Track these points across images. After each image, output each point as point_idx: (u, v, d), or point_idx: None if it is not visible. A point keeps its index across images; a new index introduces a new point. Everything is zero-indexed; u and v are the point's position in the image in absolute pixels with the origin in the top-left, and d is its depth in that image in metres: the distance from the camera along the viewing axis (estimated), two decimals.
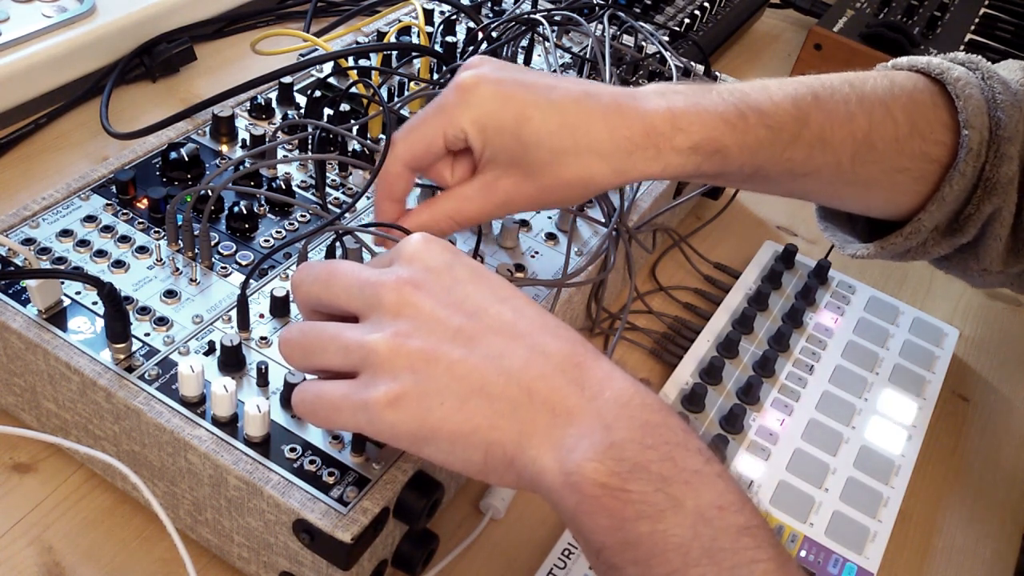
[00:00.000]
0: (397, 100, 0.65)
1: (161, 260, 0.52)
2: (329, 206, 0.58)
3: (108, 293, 0.44)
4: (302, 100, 0.65)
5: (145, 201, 0.55)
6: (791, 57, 1.05)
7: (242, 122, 0.63)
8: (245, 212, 0.54)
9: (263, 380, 0.46)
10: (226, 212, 0.55)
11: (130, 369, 0.46)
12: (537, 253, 0.59)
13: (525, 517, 0.54)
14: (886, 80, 0.54)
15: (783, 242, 0.75)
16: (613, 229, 0.59)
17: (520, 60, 0.74)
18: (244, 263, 0.53)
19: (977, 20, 1.08)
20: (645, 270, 0.73)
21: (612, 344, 0.64)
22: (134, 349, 0.47)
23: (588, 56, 0.75)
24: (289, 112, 0.65)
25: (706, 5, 1.01)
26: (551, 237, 0.60)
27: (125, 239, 0.52)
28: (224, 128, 0.61)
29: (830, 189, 0.56)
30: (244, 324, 0.49)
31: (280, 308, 0.50)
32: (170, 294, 0.50)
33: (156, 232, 0.53)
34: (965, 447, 0.65)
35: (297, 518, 0.42)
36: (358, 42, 0.75)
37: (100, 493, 0.51)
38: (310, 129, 0.61)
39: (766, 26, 1.14)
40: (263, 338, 0.49)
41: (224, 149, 0.61)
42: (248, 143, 0.60)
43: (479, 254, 0.57)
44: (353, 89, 0.64)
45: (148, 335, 0.48)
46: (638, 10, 0.98)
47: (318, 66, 0.68)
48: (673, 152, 0.49)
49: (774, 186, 0.55)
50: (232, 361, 0.47)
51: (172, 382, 0.46)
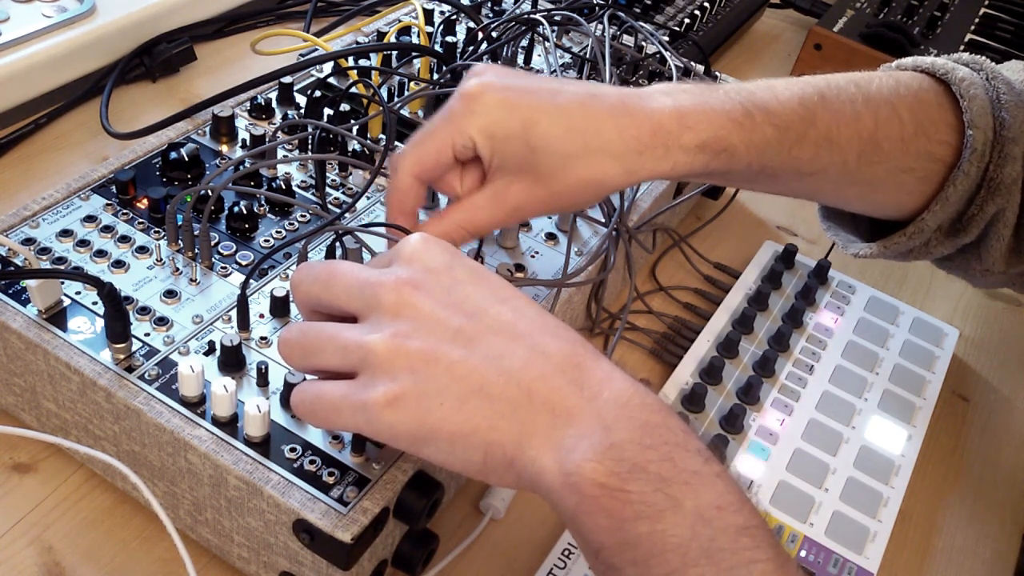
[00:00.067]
0: (397, 100, 0.65)
1: (161, 260, 0.52)
2: (329, 206, 0.58)
3: (108, 293, 0.44)
4: (302, 100, 0.65)
5: (145, 201, 0.55)
6: (791, 57, 1.05)
7: (242, 122, 0.63)
8: (245, 212, 0.54)
9: (263, 380, 0.46)
10: (226, 212, 0.55)
11: (130, 369, 0.46)
12: (537, 253, 0.59)
13: (525, 517, 0.54)
14: (891, 80, 0.54)
15: (783, 242, 0.75)
16: (613, 229, 0.59)
17: (520, 60, 0.74)
18: (244, 263, 0.53)
19: (977, 20, 1.07)
20: (645, 270, 0.73)
21: (612, 344, 0.64)
22: (134, 349, 0.47)
23: (588, 56, 0.75)
24: (289, 112, 0.65)
25: (706, 5, 1.01)
26: (551, 237, 0.60)
27: (125, 239, 0.52)
28: (224, 128, 0.61)
29: (835, 189, 0.56)
30: (244, 324, 0.49)
31: (280, 308, 0.50)
32: (170, 294, 0.50)
33: (156, 232, 0.53)
34: (965, 447, 0.65)
35: (297, 518, 0.42)
36: (358, 42, 0.75)
37: (100, 493, 0.51)
38: (310, 129, 0.61)
39: (766, 26, 1.14)
40: (263, 338, 0.49)
41: (224, 149, 0.61)
42: (248, 143, 0.60)
43: (479, 254, 0.57)
44: (353, 89, 0.64)
45: (148, 335, 0.48)
46: (638, 10, 0.97)
47: (318, 66, 0.68)
48: (681, 150, 0.48)
49: (780, 185, 0.55)
50: (232, 361, 0.47)
51: (172, 382, 0.46)
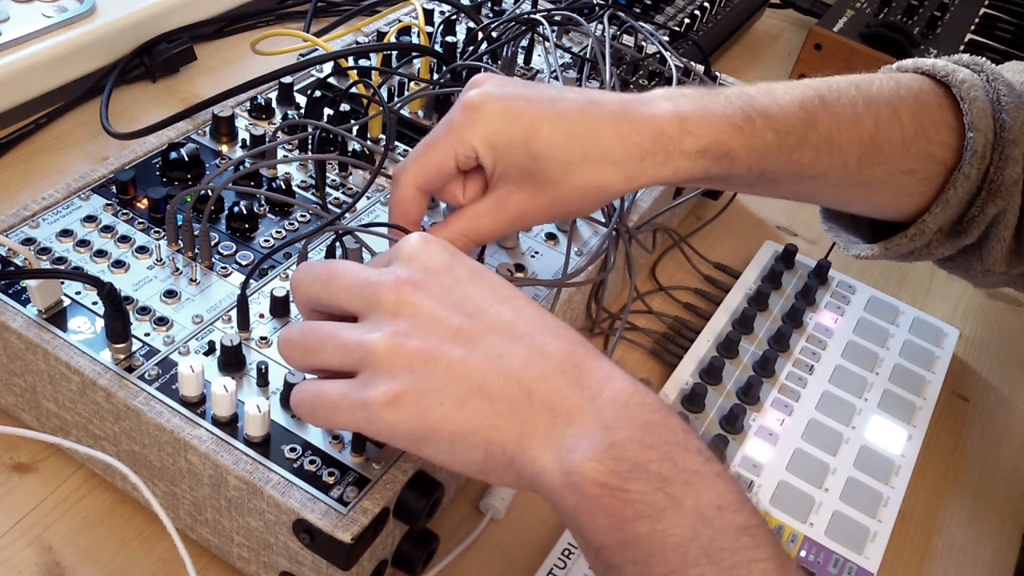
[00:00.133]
0: (397, 100, 0.65)
1: (161, 260, 0.52)
2: (329, 206, 0.58)
3: (108, 293, 0.44)
4: (302, 100, 0.65)
5: (145, 201, 0.55)
6: (791, 57, 1.05)
7: (242, 122, 0.63)
8: (245, 212, 0.54)
9: (263, 380, 0.46)
10: (226, 212, 0.55)
11: (130, 369, 0.46)
12: (537, 253, 0.59)
13: (525, 517, 0.54)
14: (892, 82, 0.54)
15: (783, 242, 0.75)
16: (613, 229, 0.59)
17: (520, 60, 0.74)
18: (244, 263, 0.53)
19: (977, 20, 1.07)
20: (645, 270, 0.73)
21: (612, 344, 0.64)
22: (134, 349, 0.47)
23: (588, 56, 0.75)
24: (289, 112, 0.65)
25: (706, 5, 1.01)
26: (551, 237, 0.60)
27: (125, 239, 0.52)
28: (224, 128, 0.61)
29: (836, 191, 0.56)
30: (244, 324, 0.49)
31: (280, 308, 0.50)
32: (170, 294, 0.50)
33: (156, 232, 0.53)
34: (965, 447, 0.65)
35: (297, 518, 0.42)
36: (358, 42, 0.75)
37: (100, 493, 0.51)
38: (310, 129, 0.61)
39: (766, 26, 1.14)
40: (263, 338, 0.49)
41: (224, 149, 0.61)
42: (248, 143, 0.60)
43: (480, 254, 0.56)
44: (353, 89, 0.64)
45: (148, 335, 0.48)
46: (638, 10, 0.97)
47: (318, 66, 0.68)
48: (682, 156, 0.49)
49: (781, 189, 0.55)
50: (232, 361, 0.47)
51: (172, 382, 0.46)
